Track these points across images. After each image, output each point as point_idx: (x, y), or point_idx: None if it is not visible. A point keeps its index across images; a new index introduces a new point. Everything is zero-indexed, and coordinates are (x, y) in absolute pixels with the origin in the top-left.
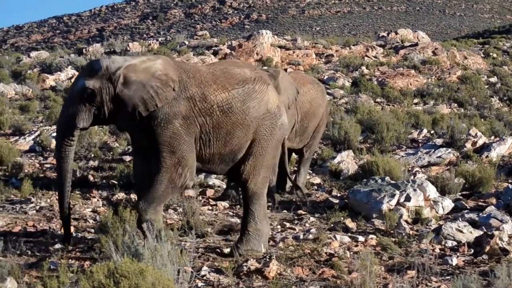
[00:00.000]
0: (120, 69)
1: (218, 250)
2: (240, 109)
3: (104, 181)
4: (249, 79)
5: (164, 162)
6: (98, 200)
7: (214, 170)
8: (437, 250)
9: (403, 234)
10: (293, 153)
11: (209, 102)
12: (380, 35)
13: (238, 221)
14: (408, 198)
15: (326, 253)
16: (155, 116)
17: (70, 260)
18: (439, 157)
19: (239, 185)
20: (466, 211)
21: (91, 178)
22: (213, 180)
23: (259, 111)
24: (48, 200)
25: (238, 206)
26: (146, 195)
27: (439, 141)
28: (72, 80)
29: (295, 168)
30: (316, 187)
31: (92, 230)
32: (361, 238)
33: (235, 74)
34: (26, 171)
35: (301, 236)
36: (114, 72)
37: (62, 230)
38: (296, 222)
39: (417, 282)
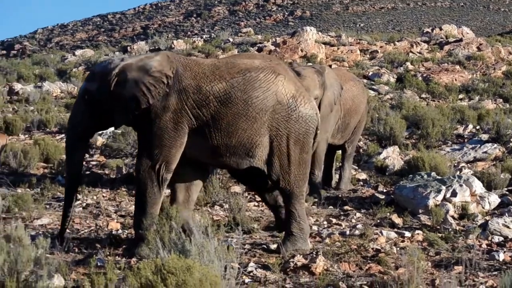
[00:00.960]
0: (116, 69)
1: (264, 246)
2: (241, 98)
3: None
4: (253, 68)
5: (144, 154)
6: None
7: (227, 163)
8: (484, 246)
9: (450, 229)
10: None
11: (204, 93)
12: (425, 31)
13: None
14: (454, 194)
15: (372, 248)
16: (146, 112)
17: (116, 257)
18: (485, 152)
19: (275, 187)
20: None
21: None
22: None
23: (265, 102)
24: (94, 197)
25: None
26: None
27: (484, 137)
28: None
29: (339, 164)
30: (362, 182)
31: None
32: (407, 234)
33: (238, 64)
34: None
35: (348, 232)
36: (110, 72)
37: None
38: (342, 218)
39: (464, 278)
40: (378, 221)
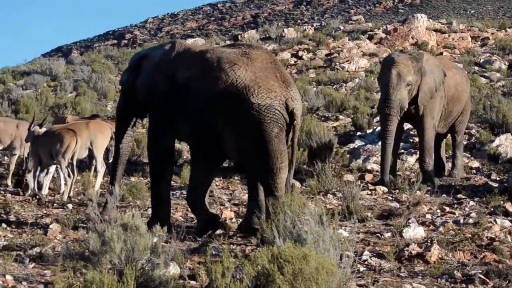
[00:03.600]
0: (137, 60)
1: (378, 234)
2: (195, 88)
3: None
4: (213, 58)
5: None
6: None
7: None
8: None
9: None
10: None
11: (178, 80)
12: None
13: (398, 205)
14: None
15: (487, 237)
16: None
17: (231, 246)
18: None
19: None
20: None
21: None
22: (372, 164)
23: (216, 91)
24: None
25: (397, 190)
26: None
27: None
28: None
29: (451, 153)
30: (474, 171)
31: None
32: None
33: (207, 52)
34: (185, 157)
35: (461, 221)
36: (133, 64)
37: None
38: (455, 206)
39: None
40: (492, 209)
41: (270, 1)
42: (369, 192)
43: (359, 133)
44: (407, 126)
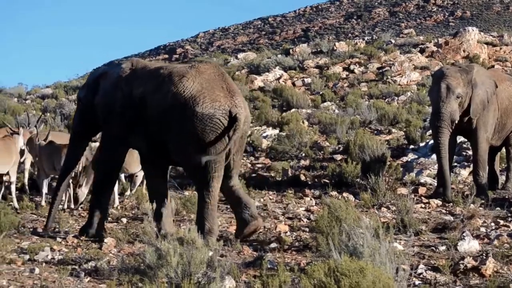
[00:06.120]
0: (95, 78)
1: (433, 248)
2: (150, 101)
3: (316, 180)
4: (164, 73)
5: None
6: (311, 199)
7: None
8: None
9: None
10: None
11: (135, 96)
12: None
13: (452, 219)
14: None
15: None
16: None
17: (285, 259)
18: None
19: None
20: None
21: (302, 177)
22: (425, 178)
23: (166, 102)
24: (262, 200)
25: (451, 204)
26: None
27: None
28: (280, 81)
29: (505, 165)
30: None
31: (307, 229)
32: None
33: (162, 68)
34: None
35: None
36: (91, 81)
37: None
38: (510, 219)
39: None
40: None
41: (320, 15)
42: (423, 206)
43: (412, 146)
44: (460, 139)
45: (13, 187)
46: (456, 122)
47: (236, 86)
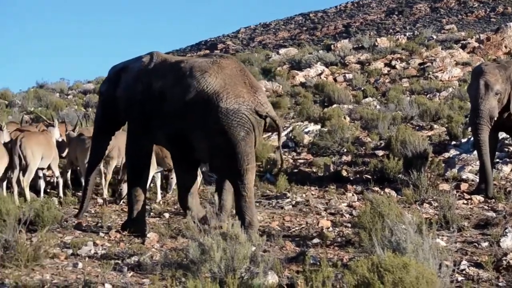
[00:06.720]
0: (117, 71)
1: (475, 244)
2: (170, 95)
3: (357, 175)
4: (185, 67)
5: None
6: (353, 195)
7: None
8: None
9: None
10: None
11: (155, 89)
12: None
13: (494, 215)
14: None
15: None
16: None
17: (328, 255)
18: None
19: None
20: None
21: (344, 173)
22: (467, 174)
23: (188, 97)
24: (304, 195)
25: (493, 200)
26: None
27: None
28: (321, 76)
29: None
30: None
31: (349, 225)
32: None
33: (182, 62)
34: (279, 166)
35: None
36: (113, 75)
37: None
38: None
39: None
40: None
41: (362, 10)
42: (465, 202)
43: (453, 142)
44: (502, 135)
45: (60, 181)
46: (496, 118)
47: (257, 82)
